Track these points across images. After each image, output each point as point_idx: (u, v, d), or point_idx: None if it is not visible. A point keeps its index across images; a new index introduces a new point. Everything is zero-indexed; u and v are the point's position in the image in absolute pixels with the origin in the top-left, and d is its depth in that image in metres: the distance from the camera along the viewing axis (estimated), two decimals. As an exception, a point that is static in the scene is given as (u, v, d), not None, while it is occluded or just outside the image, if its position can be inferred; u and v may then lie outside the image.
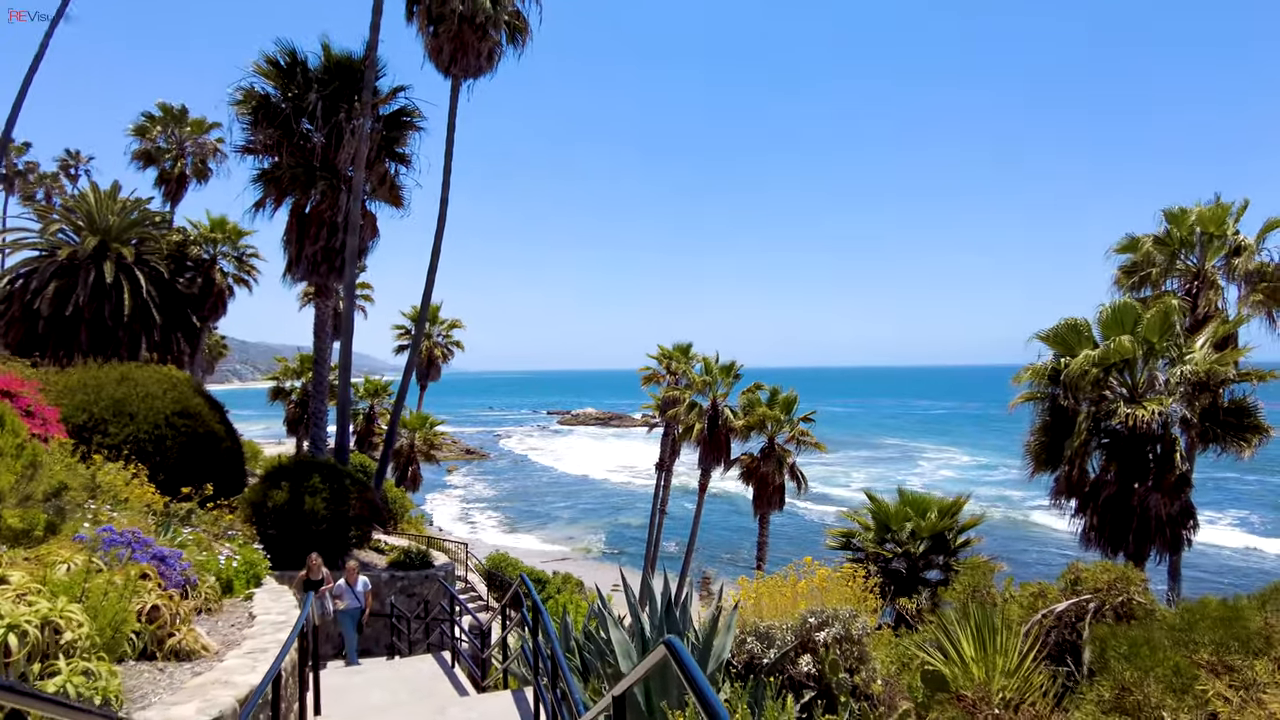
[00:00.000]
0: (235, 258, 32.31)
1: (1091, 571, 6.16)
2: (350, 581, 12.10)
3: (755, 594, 5.88)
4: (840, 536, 17.52)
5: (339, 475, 15.75)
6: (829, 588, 5.79)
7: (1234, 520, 50.87)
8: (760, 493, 26.09)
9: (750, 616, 5.60)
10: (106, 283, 26.47)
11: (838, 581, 5.98)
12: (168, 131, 35.06)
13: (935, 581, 16.62)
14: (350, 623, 12.04)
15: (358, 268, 19.48)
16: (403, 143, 19.76)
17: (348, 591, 11.97)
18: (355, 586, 12.07)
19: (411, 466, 31.72)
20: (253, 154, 18.43)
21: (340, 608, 11.94)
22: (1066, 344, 14.43)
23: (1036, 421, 15.11)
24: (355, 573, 12.17)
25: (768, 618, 5.62)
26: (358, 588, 12.09)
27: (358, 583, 12.14)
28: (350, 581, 12.10)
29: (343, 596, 11.87)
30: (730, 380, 27.74)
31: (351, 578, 12.11)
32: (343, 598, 11.87)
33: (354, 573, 12.13)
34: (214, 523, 13.43)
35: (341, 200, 18.11)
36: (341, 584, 11.99)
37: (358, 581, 12.16)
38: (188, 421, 14.77)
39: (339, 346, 18.17)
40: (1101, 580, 5.94)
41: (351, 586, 12.05)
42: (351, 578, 12.11)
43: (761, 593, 5.83)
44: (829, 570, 6.09)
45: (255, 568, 11.10)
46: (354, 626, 12.10)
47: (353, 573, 12.13)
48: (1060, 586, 6.31)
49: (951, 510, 16.51)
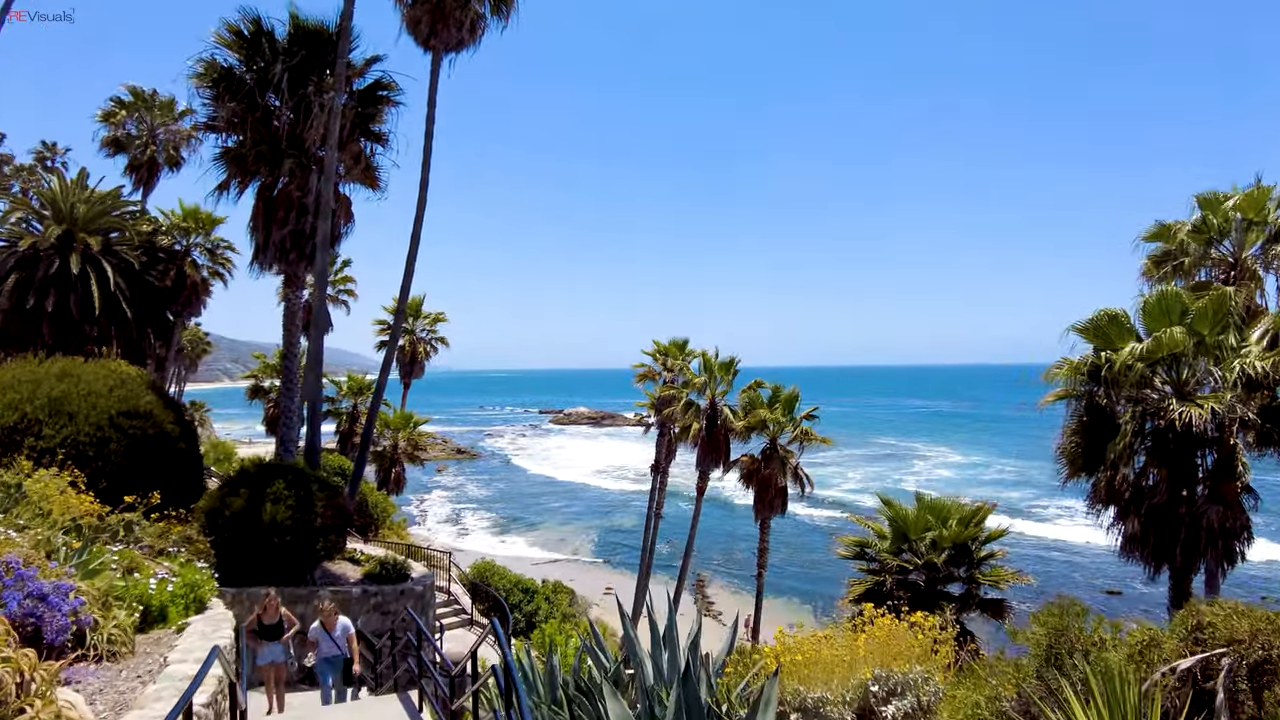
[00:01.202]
0: (208, 249, 30.78)
1: (1221, 616, 4.82)
2: (328, 626, 10.21)
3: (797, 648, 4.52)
4: (853, 546, 16.20)
5: (306, 480, 14.32)
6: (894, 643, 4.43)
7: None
8: (761, 496, 24.77)
9: (793, 682, 4.24)
10: (72, 275, 24.93)
11: (903, 633, 4.62)
12: (137, 117, 33.33)
13: (958, 595, 15.34)
14: (331, 673, 10.13)
15: (331, 255, 18.04)
16: (379, 120, 18.31)
17: (324, 638, 10.08)
18: (334, 631, 10.16)
19: (395, 468, 30.25)
20: (215, 131, 16.96)
21: (313, 661, 10.22)
22: (1105, 337, 13.12)
23: (1070, 422, 13.78)
24: (333, 615, 10.29)
25: (815, 681, 4.26)
26: (336, 633, 10.16)
27: (337, 627, 10.23)
28: (328, 626, 10.21)
29: (320, 644, 10.03)
30: (729, 378, 26.39)
31: (329, 621, 10.20)
32: (320, 645, 10.04)
33: (331, 615, 10.25)
34: (160, 535, 11.99)
35: (312, 181, 16.68)
36: (316, 629, 10.15)
37: (337, 625, 10.25)
38: (136, 422, 13.32)
39: (310, 339, 16.72)
40: (1240, 630, 4.60)
41: (329, 632, 10.16)
42: (329, 621, 10.20)
43: (806, 649, 4.47)
44: (891, 621, 4.73)
45: (198, 590, 9.64)
46: (337, 675, 10.22)
47: (329, 615, 10.23)
48: (1179, 635, 4.96)
49: (975, 518, 15.24)
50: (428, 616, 16.42)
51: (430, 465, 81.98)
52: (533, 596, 23.15)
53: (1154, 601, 37.66)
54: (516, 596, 22.72)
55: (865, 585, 15.17)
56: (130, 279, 26.74)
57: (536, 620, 21.91)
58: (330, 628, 10.10)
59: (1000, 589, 14.69)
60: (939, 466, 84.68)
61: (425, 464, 79.30)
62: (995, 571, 14.95)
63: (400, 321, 17.27)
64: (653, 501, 28.85)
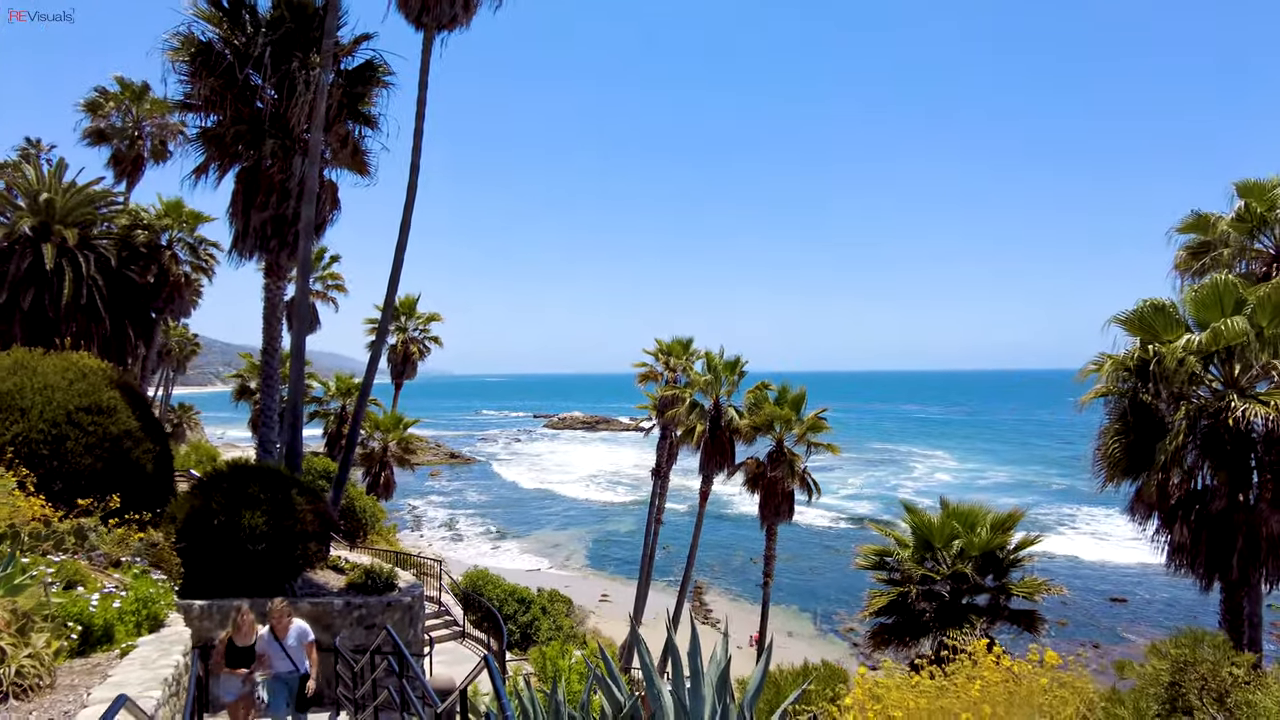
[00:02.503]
0: (190, 245, 29.60)
1: None
2: (279, 632, 7.91)
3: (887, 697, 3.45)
4: (873, 555, 15.14)
5: (285, 483, 13.20)
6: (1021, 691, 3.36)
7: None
8: (768, 501, 23.69)
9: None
10: (46, 268, 23.79)
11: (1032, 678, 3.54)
12: (123, 109, 32.09)
13: (984, 607, 14.29)
14: (283, 695, 7.88)
15: (316, 245, 16.94)
16: (368, 102, 17.24)
17: (274, 650, 7.85)
18: (286, 639, 7.87)
19: (384, 472, 29.05)
20: (192, 110, 15.86)
21: (260, 679, 7.83)
22: (1151, 329, 12.15)
23: (1113, 422, 12.77)
24: (285, 617, 7.99)
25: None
26: (289, 639, 7.89)
27: (290, 631, 7.95)
28: (279, 632, 7.91)
29: (266, 655, 7.83)
30: (734, 378, 25.35)
31: (280, 624, 7.93)
32: (270, 659, 7.85)
33: (283, 617, 7.97)
34: (120, 543, 10.88)
35: (295, 164, 15.60)
36: (264, 635, 7.91)
37: (290, 630, 7.96)
38: (98, 419, 12.18)
39: (292, 332, 15.61)
40: None
41: (279, 639, 7.87)
42: (280, 624, 7.93)
43: (897, 699, 3.40)
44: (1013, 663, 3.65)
45: (152, 605, 8.50)
46: (290, 700, 7.95)
47: (280, 617, 7.95)
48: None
49: (1005, 525, 14.20)
50: (416, 629, 15.30)
51: (423, 470, 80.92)
52: (528, 606, 22.01)
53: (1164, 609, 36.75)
54: (511, 606, 21.59)
55: (888, 597, 14.12)
56: (109, 274, 25.62)
57: (533, 632, 20.81)
58: (282, 634, 7.93)
59: (1034, 600, 13.65)
60: (937, 471, 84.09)
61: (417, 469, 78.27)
62: (1028, 581, 13.92)
63: (389, 313, 16.18)
64: (653, 506, 27.72)
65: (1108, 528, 54.84)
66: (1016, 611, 14.05)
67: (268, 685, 7.80)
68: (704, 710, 5.27)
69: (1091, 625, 34.92)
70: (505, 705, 3.36)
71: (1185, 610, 35.72)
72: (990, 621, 13.77)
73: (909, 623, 14.08)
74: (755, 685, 5.70)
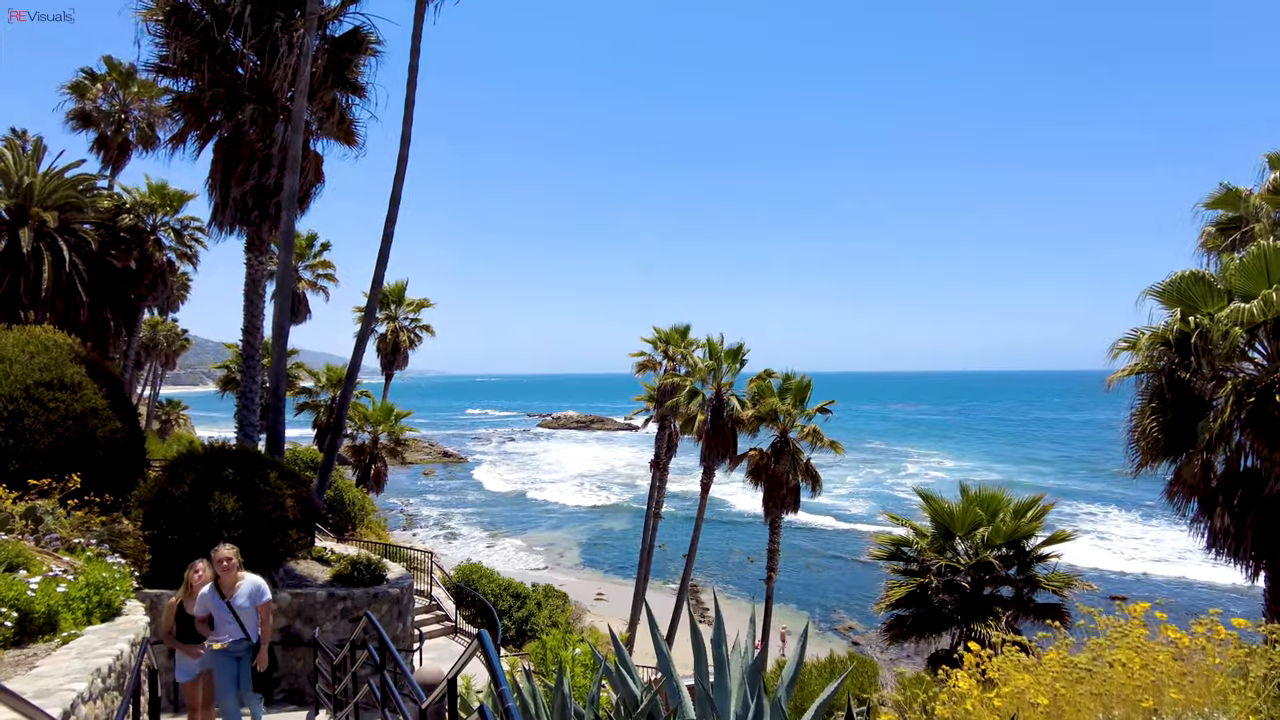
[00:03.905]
0: (175, 230, 28.59)
1: None
2: (225, 586, 6.44)
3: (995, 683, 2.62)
4: (889, 545, 14.33)
5: (263, 466, 12.33)
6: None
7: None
8: (772, 493, 22.90)
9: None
10: (23, 252, 22.86)
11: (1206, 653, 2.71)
12: (110, 92, 31.01)
13: (1008, 599, 13.49)
14: (230, 673, 6.38)
15: (300, 218, 16.05)
16: (356, 71, 16.36)
17: (217, 607, 6.38)
18: (235, 596, 6.42)
19: (375, 465, 28.05)
20: (167, 74, 14.95)
21: (204, 650, 6.44)
22: (1189, 300, 11.38)
23: (1144, 401, 12.00)
24: (234, 570, 6.50)
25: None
26: (239, 598, 6.42)
27: (240, 589, 6.49)
28: (225, 586, 6.44)
29: (211, 619, 6.39)
30: (736, 366, 24.53)
31: (227, 579, 6.45)
32: (214, 623, 6.39)
33: (231, 568, 6.46)
34: (79, 527, 10.00)
35: (277, 131, 14.73)
36: (206, 594, 6.43)
37: (240, 586, 6.50)
38: (60, 395, 11.29)
39: (275, 310, 14.73)
40: None
41: (226, 597, 6.40)
42: (227, 579, 6.45)
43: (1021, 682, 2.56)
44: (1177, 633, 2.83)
45: (105, 591, 7.63)
46: (238, 674, 6.45)
47: (229, 568, 6.45)
48: None
49: (1030, 511, 13.42)
50: (405, 623, 14.43)
51: (415, 469, 79.86)
52: (524, 602, 21.12)
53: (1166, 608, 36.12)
54: (506, 601, 20.70)
55: (906, 589, 13.31)
56: (89, 259, 24.72)
57: (528, 628, 19.92)
58: (229, 590, 6.35)
59: (1062, 595, 12.86)
60: (932, 469, 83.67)
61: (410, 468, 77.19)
62: (1058, 575, 13.14)
63: (378, 289, 15.28)
64: (652, 500, 26.90)
65: (1106, 527, 54.36)
66: (1042, 605, 13.27)
67: (212, 661, 6.31)
68: (730, 703, 4.50)
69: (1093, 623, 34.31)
70: (505, 693, 2.53)
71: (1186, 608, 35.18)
72: (1015, 615, 13.00)
73: (929, 615, 13.29)
74: (790, 675, 4.85)
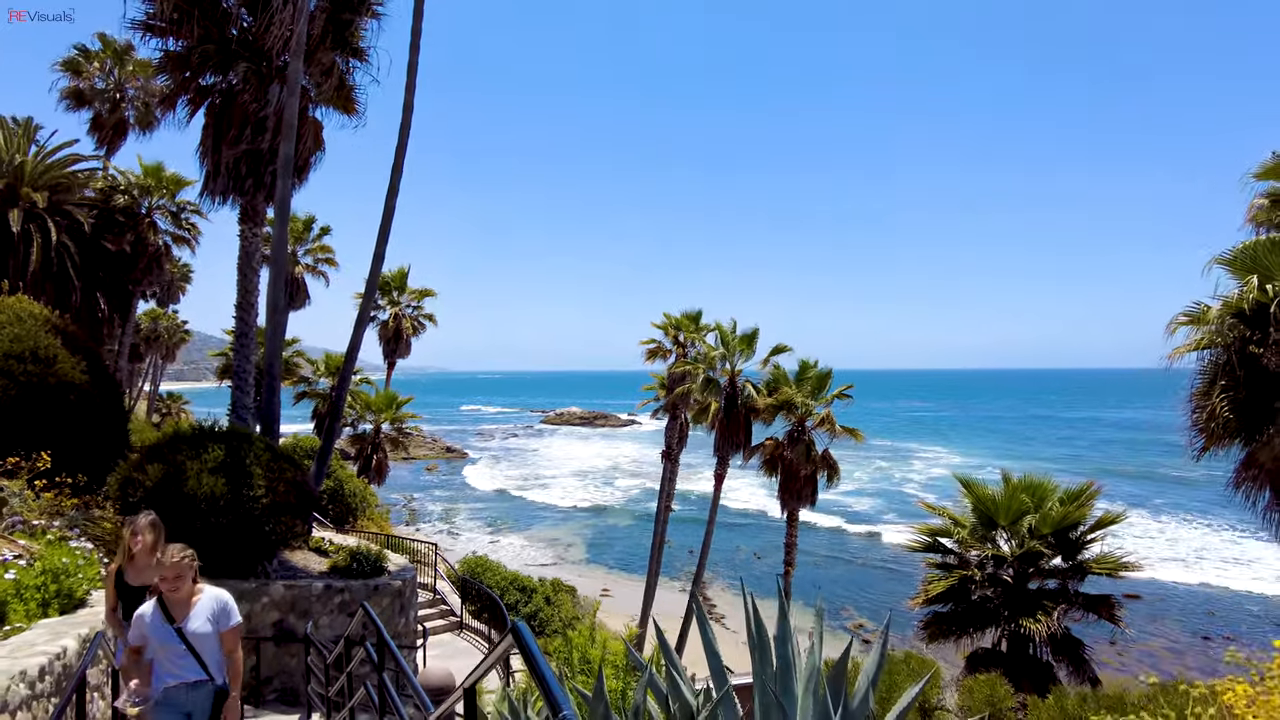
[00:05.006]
0: (171, 212, 27.67)
1: None
2: (172, 601, 4.26)
3: None
4: (926, 535, 13.38)
5: (254, 448, 11.42)
6: None
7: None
8: (788, 484, 21.95)
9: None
10: (12, 232, 22.09)
11: None
12: (106, 71, 30.04)
13: (1053, 591, 12.55)
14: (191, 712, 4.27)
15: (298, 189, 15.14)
16: (357, 34, 15.44)
17: (160, 634, 4.20)
18: (189, 620, 4.25)
19: (376, 455, 27.14)
20: (155, 33, 14.02)
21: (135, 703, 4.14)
22: (1265, 268, 10.44)
23: (1205, 380, 11.05)
24: (185, 569, 4.27)
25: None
26: (194, 621, 4.25)
27: (196, 606, 4.31)
28: (172, 601, 4.26)
29: (152, 651, 4.22)
30: (750, 352, 23.57)
31: (175, 586, 4.23)
32: (153, 656, 4.23)
33: (180, 569, 4.24)
34: (48, 509, 9.10)
35: (272, 92, 13.80)
36: (147, 614, 4.24)
37: (196, 603, 4.32)
38: (32, 368, 10.40)
39: (270, 283, 13.81)
40: None
41: (175, 618, 4.23)
42: (175, 586, 4.23)
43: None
44: None
45: (65, 580, 6.74)
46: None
47: (176, 571, 4.22)
48: None
49: (1079, 498, 12.46)
50: (408, 618, 13.54)
51: (418, 465, 79.02)
52: (531, 596, 20.22)
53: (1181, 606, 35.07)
54: (512, 595, 19.80)
55: (946, 582, 12.37)
56: (82, 241, 23.91)
57: (536, 624, 19.01)
58: (179, 608, 4.23)
59: (1118, 578, 11.91)
60: (935, 465, 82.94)
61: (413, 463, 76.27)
62: (1105, 558, 12.17)
63: (379, 267, 14.37)
64: (662, 492, 25.99)
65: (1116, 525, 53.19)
66: (1091, 597, 12.34)
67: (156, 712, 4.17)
68: (796, 712, 3.60)
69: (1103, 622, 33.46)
70: (560, 700, 1.62)
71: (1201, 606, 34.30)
72: (1064, 610, 12.07)
73: (971, 611, 12.35)
74: (869, 679, 3.89)
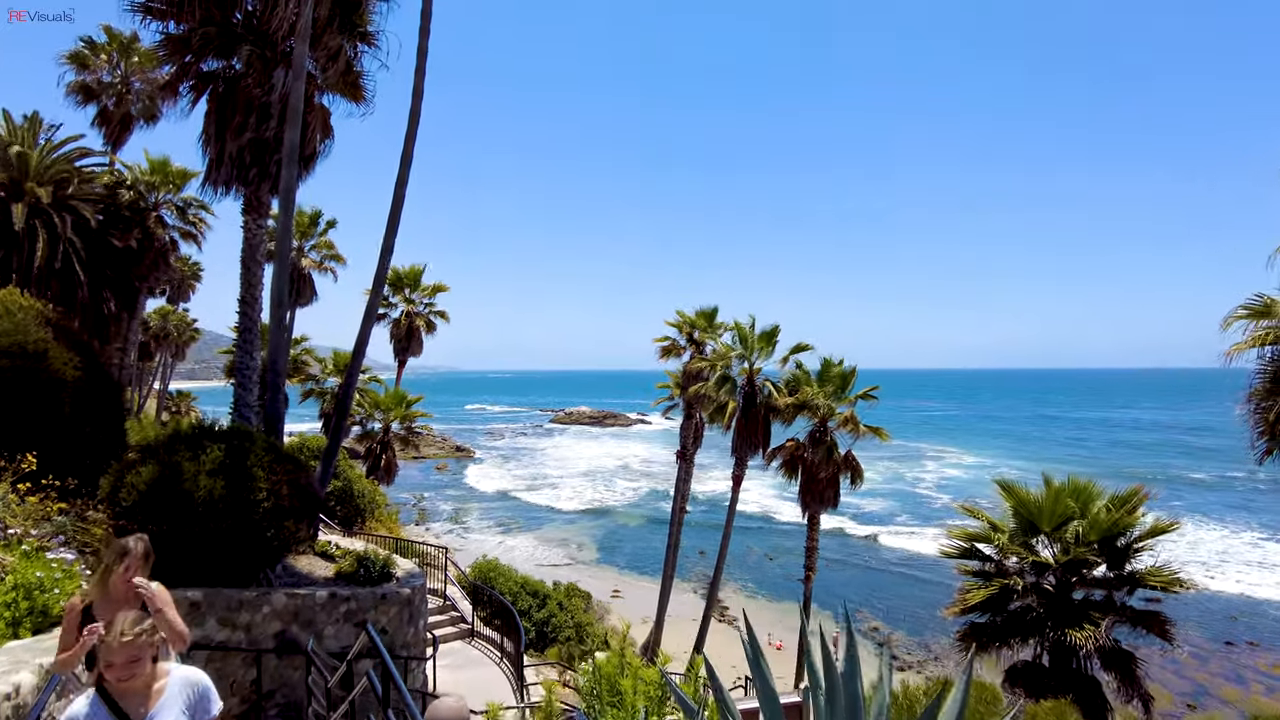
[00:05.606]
0: (178, 207, 27.22)
1: None
2: (125, 698, 2.99)
3: None
4: (962, 540, 12.67)
5: (256, 447, 10.80)
6: None
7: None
8: (810, 486, 21.26)
9: None
10: (16, 228, 21.70)
11: None
12: (112, 64, 29.65)
13: (1099, 603, 11.80)
14: None
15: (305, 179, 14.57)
16: (365, 17, 14.86)
17: None
18: (154, 714, 3.02)
19: (385, 454, 26.59)
20: (154, 15, 13.46)
21: None
22: (1338, 256, 9.69)
23: (1269, 378, 10.32)
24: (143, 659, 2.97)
25: None
26: (161, 709, 3.02)
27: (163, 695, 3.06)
28: (125, 698, 2.99)
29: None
30: (769, 350, 22.87)
31: (124, 674, 2.93)
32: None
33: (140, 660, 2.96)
34: (33, 515, 8.53)
35: (276, 77, 13.22)
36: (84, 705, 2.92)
37: (163, 690, 3.07)
38: (20, 363, 9.84)
39: (274, 275, 13.23)
40: None
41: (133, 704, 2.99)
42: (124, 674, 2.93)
43: None
44: None
45: (42, 595, 6.12)
46: None
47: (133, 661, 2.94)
48: None
49: (1128, 502, 11.72)
50: (418, 627, 12.90)
51: (429, 463, 78.68)
52: (544, 601, 19.61)
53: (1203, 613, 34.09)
54: (525, 601, 19.19)
55: (986, 591, 11.64)
56: (88, 236, 23.53)
57: (549, 630, 18.40)
58: (133, 702, 3.02)
59: (1172, 592, 11.16)
60: (948, 466, 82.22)
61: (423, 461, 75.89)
62: (1156, 570, 11.42)
63: (388, 259, 13.76)
64: (677, 493, 25.32)
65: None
66: (1141, 612, 11.59)
67: None
68: None
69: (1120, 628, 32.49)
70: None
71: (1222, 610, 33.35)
72: (1111, 622, 11.33)
73: (1011, 621, 11.63)
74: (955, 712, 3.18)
